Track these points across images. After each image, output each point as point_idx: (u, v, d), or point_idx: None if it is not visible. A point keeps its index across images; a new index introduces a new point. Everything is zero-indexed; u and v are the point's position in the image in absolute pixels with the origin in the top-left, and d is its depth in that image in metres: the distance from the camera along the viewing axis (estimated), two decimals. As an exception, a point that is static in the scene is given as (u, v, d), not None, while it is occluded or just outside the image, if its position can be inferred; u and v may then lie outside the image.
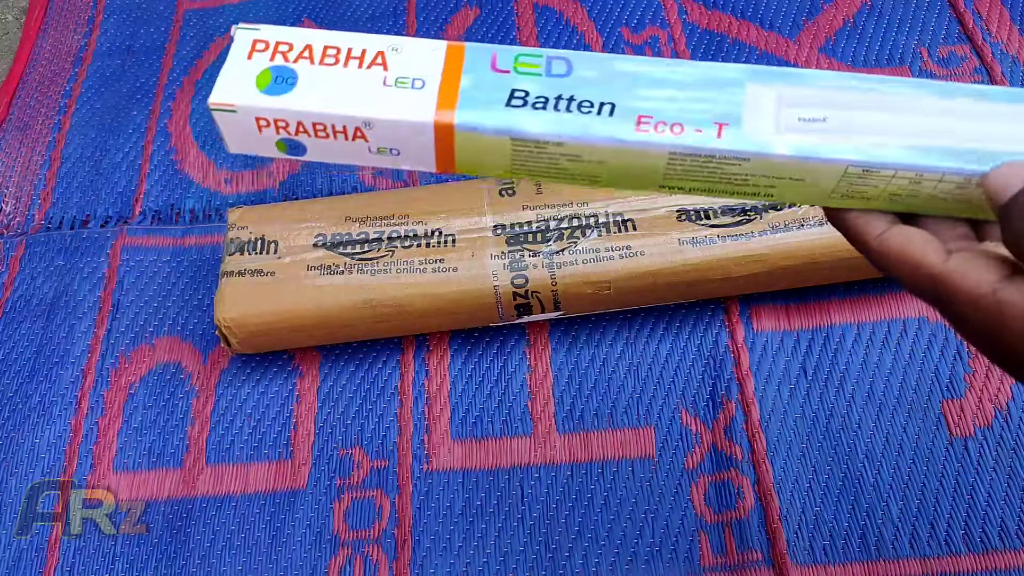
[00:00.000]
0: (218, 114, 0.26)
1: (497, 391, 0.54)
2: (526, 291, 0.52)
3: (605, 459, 0.51)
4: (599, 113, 0.26)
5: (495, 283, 0.52)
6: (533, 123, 0.26)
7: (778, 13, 0.68)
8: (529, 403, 0.54)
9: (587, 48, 0.68)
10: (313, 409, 0.55)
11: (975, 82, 0.63)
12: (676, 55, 0.67)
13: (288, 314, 0.52)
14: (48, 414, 0.56)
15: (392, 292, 0.52)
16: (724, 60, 0.66)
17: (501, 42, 0.69)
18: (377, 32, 0.71)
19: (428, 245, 0.53)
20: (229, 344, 0.53)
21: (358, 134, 0.26)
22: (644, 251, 0.51)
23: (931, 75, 0.63)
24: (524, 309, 0.53)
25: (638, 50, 0.68)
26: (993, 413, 0.50)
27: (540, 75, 0.27)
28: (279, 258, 0.53)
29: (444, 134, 0.26)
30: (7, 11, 0.79)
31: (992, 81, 0.62)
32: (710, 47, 0.67)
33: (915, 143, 0.26)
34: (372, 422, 0.54)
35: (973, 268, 0.25)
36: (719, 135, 0.26)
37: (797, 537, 0.48)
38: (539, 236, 0.53)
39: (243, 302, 0.52)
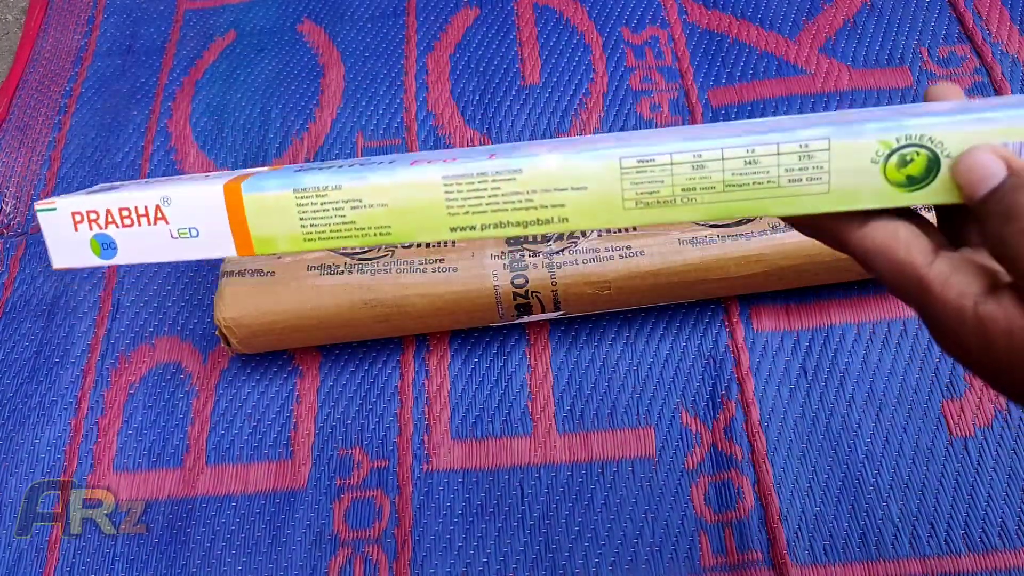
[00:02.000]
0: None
1: (497, 391, 0.54)
2: (526, 291, 0.52)
3: (605, 459, 0.51)
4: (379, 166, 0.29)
5: (495, 283, 0.52)
6: (313, 177, 0.28)
7: (778, 13, 0.68)
8: (529, 403, 0.54)
9: (588, 48, 0.68)
10: (313, 409, 0.55)
11: (975, 82, 0.63)
12: (676, 56, 0.67)
13: (288, 314, 0.52)
14: (48, 414, 0.56)
15: (392, 292, 0.52)
16: (724, 60, 0.66)
17: (500, 42, 0.69)
18: (378, 32, 0.71)
19: (428, 245, 0.53)
20: (229, 344, 0.53)
21: (159, 213, 0.29)
22: (644, 251, 0.51)
23: (931, 75, 0.63)
24: (524, 309, 0.53)
25: (638, 50, 0.68)
26: (993, 413, 0.50)
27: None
28: (279, 258, 0.53)
29: (233, 196, 0.29)
30: (7, 11, 0.79)
31: (992, 81, 0.62)
32: (710, 47, 0.67)
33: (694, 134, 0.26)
34: (372, 422, 0.54)
35: (958, 276, 0.23)
36: (488, 158, 0.27)
37: (797, 537, 0.48)
38: (539, 236, 0.53)
39: (243, 302, 0.52)
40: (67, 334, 0.59)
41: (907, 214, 0.26)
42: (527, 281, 0.51)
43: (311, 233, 0.28)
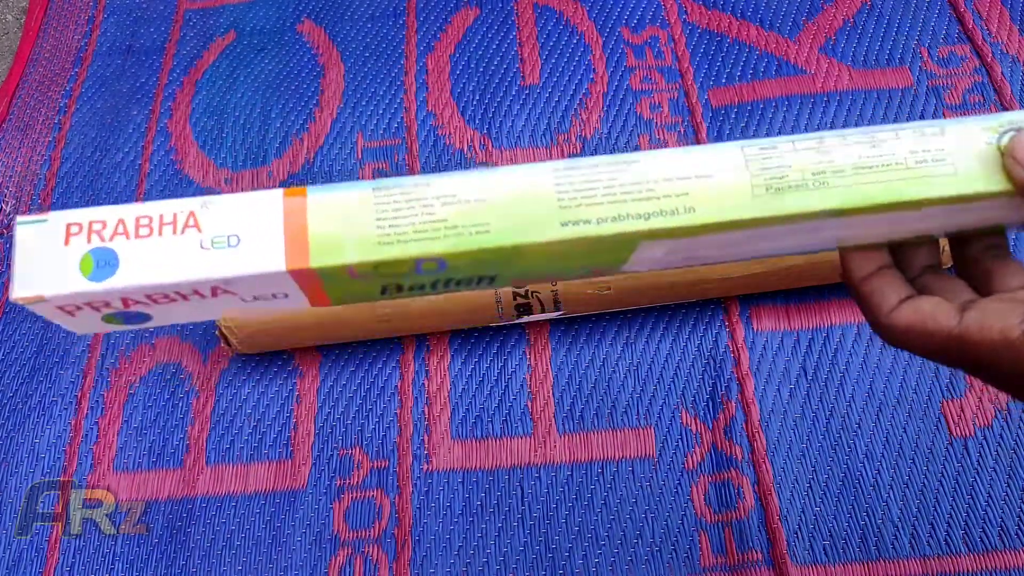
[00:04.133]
0: (32, 306, 0.24)
1: (497, 391, 0.54)
2: (526, 291, 0.52)
3: (605, 459, 0.51)
4: (478, 285, 0.25)
5: (495, 283, 0.52)
6: (399, 179, 0.24)
7: (778, 13, 0.68)
8: (529, 403, 0.54)
9: (588, 48, 0.68)
10: (313, 409, 0.55)
11: (975, 82, 0.63)
12: (676, 56, 0.67)
13: (288, 314, 0.52)
14: (48, 414, 0.56)
15: (392, 292, 0.52)
16: (724, 60, 0.66)
17: (500, 42, 0.69)
18: (378, 32, 0.71)
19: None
20: (229, 344, 0.53)
21: (190, 221, 0.24)
22: (644, 251, 0.51)
23: (931, 75, 0.63)
24: (524, 309, 0.53)
25: (638, 50, 0.68)
26: (993, 413, 0.50)
27: (410, 273, 0.25)
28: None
29: (295, 198, 0.24)
30: (7, 11, 0.79)
31: (992, 81, 0.62)
32: (710, 47, 0.67)
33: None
34: (372, 422, 0.54)
35: (993, 316, 0.24)
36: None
37: (797, 537, 0.48)
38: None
39: (243, 302, 0.52)
40: (67, 334, 0.59)
41: (936, 270, 0.27)
42: (527, 281, 0.52)
43: (389, 235, 0.23)
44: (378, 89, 0.68)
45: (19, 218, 0.24)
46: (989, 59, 0.63)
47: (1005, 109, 0.61)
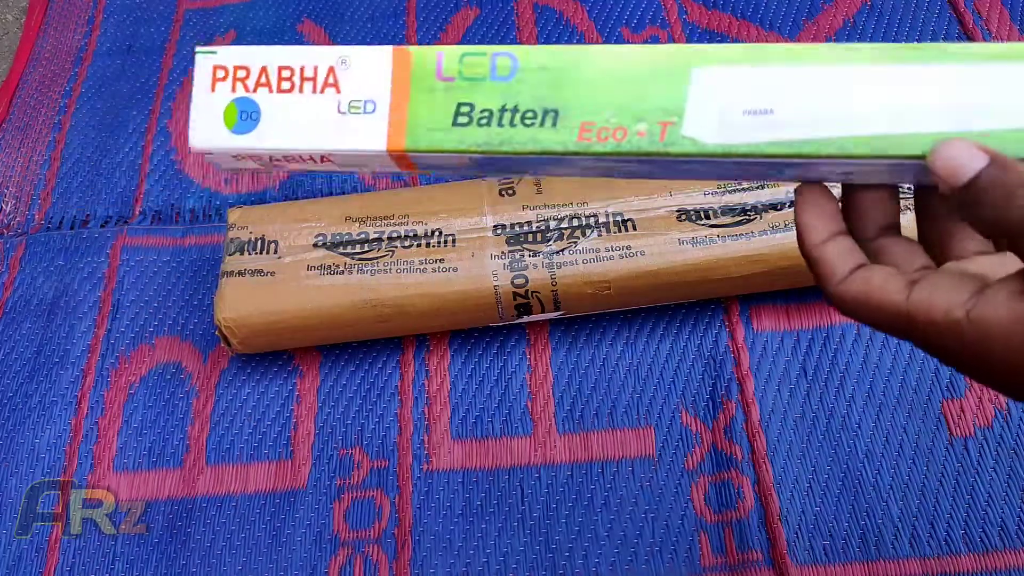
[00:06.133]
0: (200, 155, 0.27)
1: (497, 391, 0.54)
2: (526, 291, 0.52)
3: (605, 459, 0.51)
4: (542, 124, 0.25)
5: (495, 283, 0.52)
6: (480, 139, 0.25)
7: (778, 13, 0.68)
8: (529, 403, 0.54)
9: (587, 48, 0.68)
10: (313, 409, 0.55)
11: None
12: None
13: (288, 314, 0.52)
14: (48, 414, 0.56)
15: (392, 292, 0.52)
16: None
17: (500, 42, 0.69)
18: (378, 33, 0.71)
19: (428, 245, 0.53)
20: (229, 344, 0.53)
21: (330, 79, 0.25)
22: (644, 251, 0.51)
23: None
24: (524, 309, 0.53)
25: (638, 50, 0.68)
26: (993, 413, 0.50)
27: (485, 79, 0.25)
28: (279, 258, 0.53)
29: (400, 158, 0.25)
30: (7, 11, 0.79)
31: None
32: (710, 47, 0.67)
33: (866, 131, 0.25)
34: (372, 422, 0.54)
35: (939, 294, 0.23)
36: (661, 137, 0.25)
37: (797, 537, 0.48)
38: (539, 236, 0.53)
39: (243, 302, 0.52)
40: (67, 334, 0.59)
41: (893, 232, 0.27)
42: (527, 281, 0.51)
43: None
44: (378, 89, 0.68)
45: (198, 48, 0.25)
46: (989, 59, 0.63)
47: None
